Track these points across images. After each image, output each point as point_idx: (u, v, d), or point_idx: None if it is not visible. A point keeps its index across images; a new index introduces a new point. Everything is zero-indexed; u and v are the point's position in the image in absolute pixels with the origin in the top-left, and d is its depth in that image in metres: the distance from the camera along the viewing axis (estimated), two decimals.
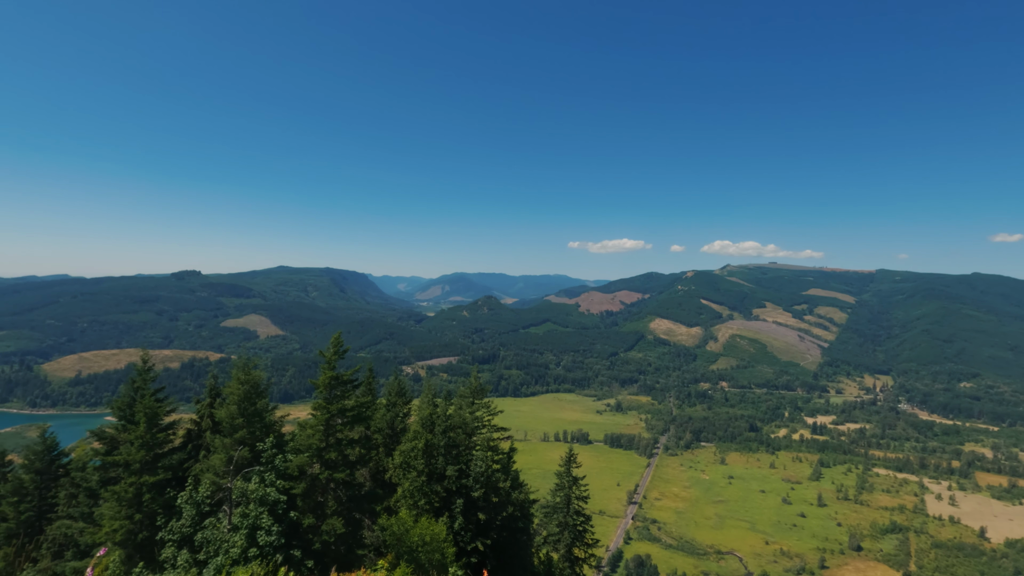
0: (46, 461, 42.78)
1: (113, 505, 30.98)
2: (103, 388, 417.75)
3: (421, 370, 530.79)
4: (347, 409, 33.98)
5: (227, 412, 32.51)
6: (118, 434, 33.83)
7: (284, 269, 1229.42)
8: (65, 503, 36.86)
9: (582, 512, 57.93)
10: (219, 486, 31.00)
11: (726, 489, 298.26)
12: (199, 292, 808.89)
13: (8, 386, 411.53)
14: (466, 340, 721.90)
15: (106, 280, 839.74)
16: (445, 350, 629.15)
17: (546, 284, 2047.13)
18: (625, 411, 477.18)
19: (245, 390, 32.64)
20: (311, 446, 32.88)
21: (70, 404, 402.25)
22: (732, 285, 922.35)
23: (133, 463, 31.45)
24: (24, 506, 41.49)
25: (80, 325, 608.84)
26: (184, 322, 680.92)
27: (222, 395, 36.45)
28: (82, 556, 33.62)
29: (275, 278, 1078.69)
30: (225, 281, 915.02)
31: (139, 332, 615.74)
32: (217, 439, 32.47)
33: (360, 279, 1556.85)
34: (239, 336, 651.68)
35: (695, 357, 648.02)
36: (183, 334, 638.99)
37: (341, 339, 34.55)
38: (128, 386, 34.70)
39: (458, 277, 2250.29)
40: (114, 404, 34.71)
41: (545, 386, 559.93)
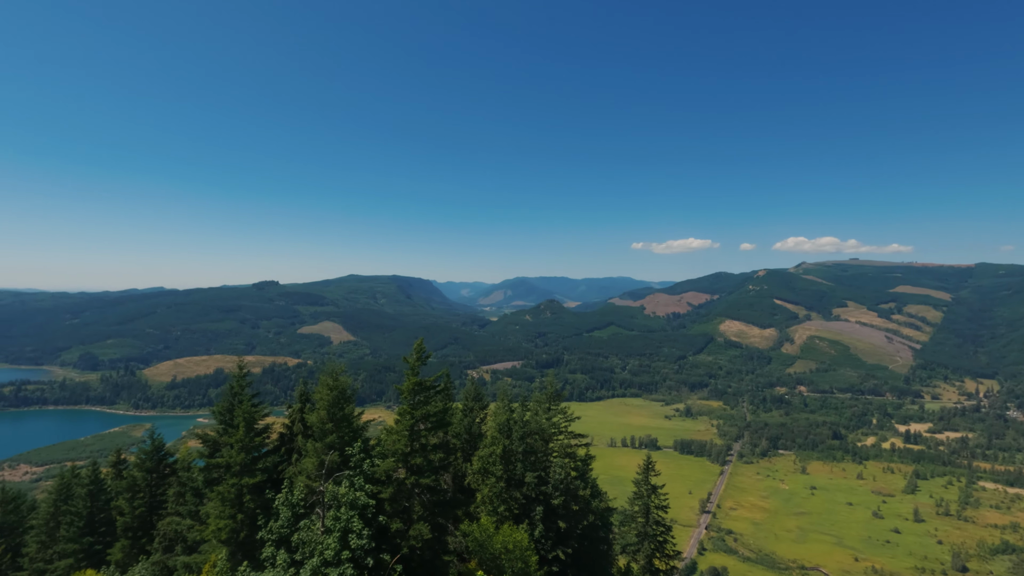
0: (155, 460, 46.12)
1: (217, 504, 32.73)
2: (195, 391, 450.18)
3: (486, 374, 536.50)
4: (431, 414, 34.32)
5: (317, 417, 33.63)
6: (219, 437, 35.87)
7: (354, 277, 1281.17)
8: (174, 501, 39.47)
9: (662, 522, 55.93)
10: (312, 489, 32.09)
11: (808, 500, 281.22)
12: (277, 301, 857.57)
13: (115, 389, 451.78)
14: (529, 344, 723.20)
15: (196, 292, 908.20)
16: (509, 354, 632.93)
17: (609, 287, 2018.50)
18: (695, 416, 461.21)
19: (334, 396, 33.64)
20: (397, 451, 33.44)
21: (167, 406, 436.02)
22: (808, 284, 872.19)
23: (234, 465, 33.13)
24: (137, 502, 44.86)
25: (174, 333, 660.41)
26: (264, 329, 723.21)
27: (311, 400, 37.81)
28: (190, 552, 35.81)
29: (346, 286, 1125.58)
30: (301, 290, 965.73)
31: (225, 339, 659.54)
32: (308, 443, 33.63)
33: (425, 285, 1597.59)
34: (314, 342, 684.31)
35: (769, 360, 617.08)
36: (264, 341, 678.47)
37: (424, 345, 34.97)
38: (227, 392, 36.72)
39: (519, 281, 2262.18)
40: (215, 409, 36.85)
41: (611, 391, 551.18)
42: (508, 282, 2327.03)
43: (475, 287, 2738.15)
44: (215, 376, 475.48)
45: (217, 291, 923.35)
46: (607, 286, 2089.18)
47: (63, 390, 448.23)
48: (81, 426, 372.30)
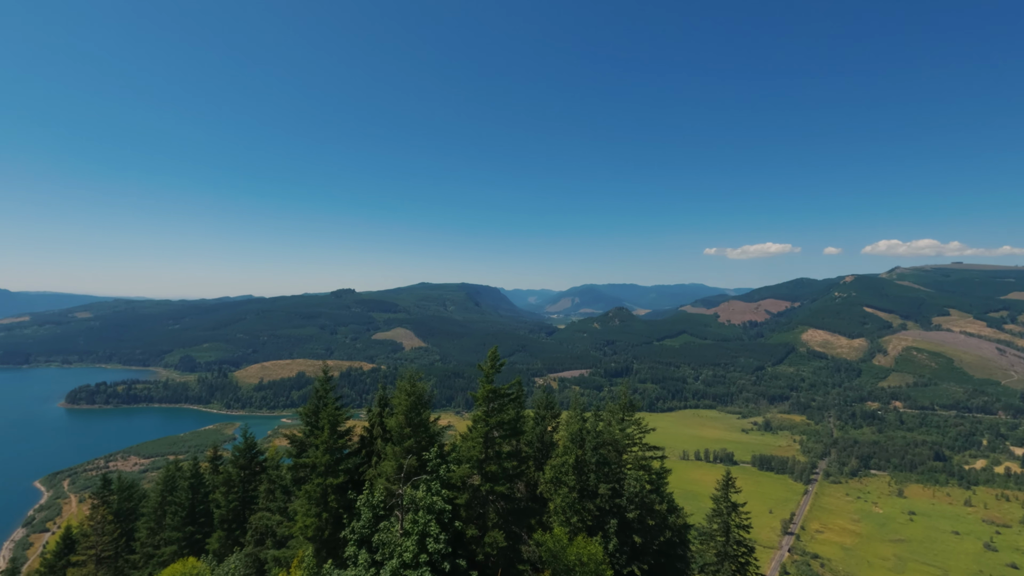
0: (248, 458, 49.22)
1: (304, 503, 34.40)
2: (280, 393, 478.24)
3: (553, 382, 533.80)
4: (504, 422, 34.49)
5: (396, 422, 34.65)
6: (306, 438, 37.76)
7: (425, 285, 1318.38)
8: (264, 497, 41.94)
9: (744, 542, 53.02)
10: (391, 492, 33.04)
11: (906, 527, 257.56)
12: (353, 308, 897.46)
13: (210, 390, 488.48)
14: (597, 352, 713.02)
15: (280, 299, 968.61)
16: (576, 362, 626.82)
17: (680, 294, 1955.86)
18: (775, 431, 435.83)
19: (411, 401, 34.55)
20: (472, 458, 33.82)
21: (255, 407, 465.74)
22: (904, 290, 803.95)
23: (319, 465, 34.71)
24: (232, 496, 48.01)
25: (262, 338, 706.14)
26: (342, 335, 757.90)
27: (390, 405, 39.02)
28: (279, 546, 37.85)
29: (417, 294, 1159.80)
30: (375, 298, 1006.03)
31: (306, 344, 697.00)
32: (388, 447, 34.70)
33: (493, 293, 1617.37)
34: (387, 348, 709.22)
35: (859, 372, 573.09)
36: (341, 345, 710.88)
37: (498, 353, 35.27)
38: (312, 395, 38.62)
39: (587, 289, 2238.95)
40: (302, 411, 38.85)
41: (683, 401, 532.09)
42: (575, 289, 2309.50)
43: (542, 294, 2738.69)
44: (297, 379, 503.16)
45: (299, 299, 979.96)
46: (678, 293, 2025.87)
47: (166, 389, 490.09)
48: (181, 423, 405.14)
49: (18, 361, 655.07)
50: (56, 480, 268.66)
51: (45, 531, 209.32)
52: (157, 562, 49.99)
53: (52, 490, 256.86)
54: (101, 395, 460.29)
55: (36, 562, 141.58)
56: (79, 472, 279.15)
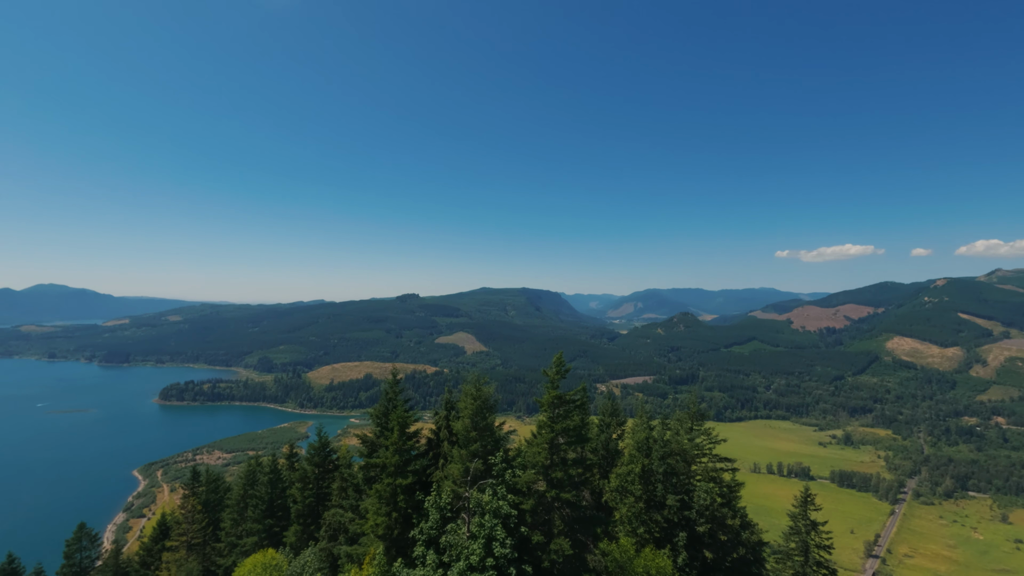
0: (322, 456, 51.40)
1: (374, 501, 35.47)
2: (349, 394, 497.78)
3: (616, 388, 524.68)
4: (570, 428, 34.17)
5: (462, 425, 35.10)
6: (376, 439, 38.98)
7: (485, 290, 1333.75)
8: (337, 494, 43.64)
9: (825, 564, 49.81)
10: (458, 495, 33.49)
11: (1012, 556, 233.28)
12: (417, 312, 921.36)
13: (285, 390, 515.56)
14: (661, 359, 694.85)
15: (349, 304, 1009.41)
16: (639, 369, 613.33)
17: (750, 299, 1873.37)
18: (856, 445, 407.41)
19: (477, 405, 34.91)
20: (537, 463, 33.72)
21: (326, 407, 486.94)
22: (1006, 295, 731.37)
23: (389, 466, 35.70)
24: (307, 492, 50.26)
25: (332, 341, 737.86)
26: (407, 338, 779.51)
27: (456, 408, 39.60)
28: (351, 542, 39.22)
29: (478, 298, 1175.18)
30: (438, 302, 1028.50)
31: (373, 347, 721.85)
32: (454, 450, 35.20)
33: (553, 298, 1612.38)
34: (450, 352, 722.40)
35: (953, 384, 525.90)
36: (406, 349, 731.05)
37: (563, 359, 35.03)
38: (382, 397, 39.86)
39: (650, 294, 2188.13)
40: (372, 412, 40.17)
41: (753, 411, 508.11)
42: (638, 294, 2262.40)
43: (604, 299, 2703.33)
44: (365, 380, 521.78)
45: (367, 303, 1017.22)
46: (747, 298, 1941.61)
47: (246, 388, 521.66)
48: (259, 420, 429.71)
49: (120, 360, 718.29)
50: (151, 470, 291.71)
51: (142, 516, 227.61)
52: (240, 551, 53.07)
53: (147, 479, 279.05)
54: (189, 393, 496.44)
55: (135, 545, 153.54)
56: (170, 463, 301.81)
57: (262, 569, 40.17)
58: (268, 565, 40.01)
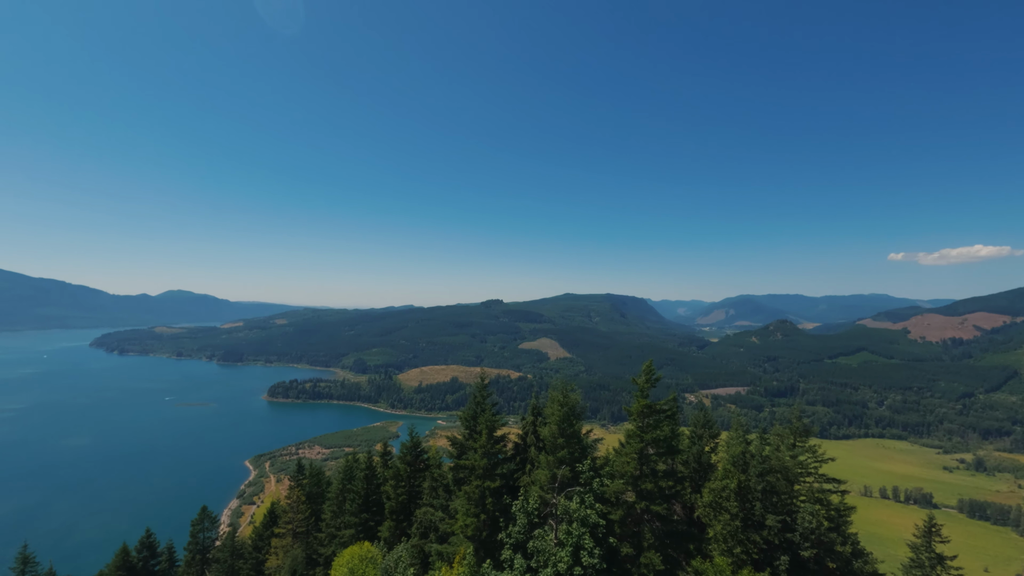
0: (414, 455, 53.41)
1: (463, 502, 36.31)
2: (436, 396, 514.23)
3: (706, 399, 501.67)
4: (660, 439, 33.13)
5: (549, 431, 35.10)
6: (465, 441, 39.94)
7: (569, 296, 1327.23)
8: (428, 493, 45.13)
9: None
10: (545, 501, 33.50)
11: None
12: (501, 318, 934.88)
13: (378, 390, 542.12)
14: (756, 369, 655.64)
15: (436, 309, 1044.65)
16: (732, 379, 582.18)
17: (858, 306, 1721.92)
18: (991, 472, 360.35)
19: (564, 412, 34.79)
20: (626, 473, 32.99)
21: (415, 408, 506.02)
22: None
23: (477, 468, 36.43)
24: (400, 489, 52.38)
25: (421, 344, 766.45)
26: (491, 343, 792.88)
27: (542, 414, 39.69)
28: (442, 541, 40.38)
29: (561, 304, 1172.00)
30: (521, 308, 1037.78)
31: (459, 351, 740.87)
32: (541, 456, 35.26)
33: (639, 304, 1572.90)
34: (533, 357, 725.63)
35: None
36: (490, 354, 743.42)
37: (653, 367, 34.06)
38: (471, 400, 40.79)
39: (744, 300, 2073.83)
40: (461, 415, 41.21)
41: (862, 429, 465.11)
42: (730, 300, 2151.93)
43: (692, 305, 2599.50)
44: (451, 384, 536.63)
45: (453, 309, 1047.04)
46: (854, 305, 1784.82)
47: (342, 388, 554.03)
48: (354, 418, 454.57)
49: (235, 359, 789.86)
50: (260, 461, 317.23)
51: (252, 503, 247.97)
52: (338, 542, 56.29)
53: (257, 469, 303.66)
54: (293, 391, 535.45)
55: (247, 530, 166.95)
56: (276, 456, 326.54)
57: (359, 561, 42.30)
58: (364, 557, 42.08)
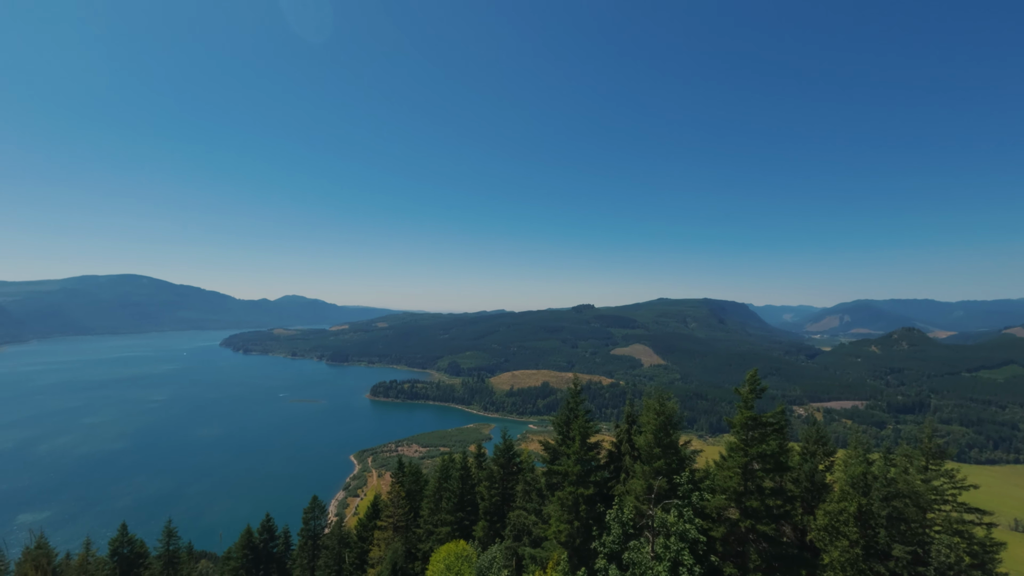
0: (506, 458, 54.12)
1: (557, 508, 36.17)
2: (527, 400, 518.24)
3: (817, 413, 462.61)
4: (766, 454, 31.00)
5: (645, 440, 34.08)
6: (558, 446, 39.81)
7: (663, 301, 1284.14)
8: (521, 497, 45.51)
9: None
10: (640, 512, 32.52)
11: None
12: (592, 323, 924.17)
13: (471, 393, 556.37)
14: (876, 381, 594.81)
15: (527, 314, 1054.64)
16: (847, 392, 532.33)
17: (1005, 312, 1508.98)
18: None
19: (661, 421, 33.64)
20: (729, 489, 31.20)
21: (506, 411, 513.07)
22: None
23: (571, 474, 36.16)
24: (493, 491, 53.26)
25: (512, 349, 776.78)
26: (582, 349, 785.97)
27: (637, 422, 38.64)
28: (535, 545, 40.50)
29: (655, 310, 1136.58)
30: (613, 313, 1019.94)
31: (549, 356, 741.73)
32: (636, 465, 34.31)
33: (740, 309, 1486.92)
34: (625, 363, 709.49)
35: None
36: (581, 359, 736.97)
37: (758, 376, 32.00)
38: (563, 406, 40.60)
39: (861, 305, 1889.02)
40: (554, 420, 41.12)
41: (1012, 453, 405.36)
42: (845, 306, 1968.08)
43: (800, 311, 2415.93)
44: (542, 388, 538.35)
45: (543, 314, 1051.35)
46: (1000, 311, 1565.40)
47: (438, 390, 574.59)
48: (448, 419, 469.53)
49: (341, 360, 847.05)
50: (363, 456, 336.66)
51: (356, 496, 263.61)
52: (435, 539, 58.26)
53: (360, 464, 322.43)
54: (392, 391, 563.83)
55: (352, 520, 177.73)
56: (378, 452, 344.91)
57: (455, 558, 43.52)
58: (460, 555, 43.22)
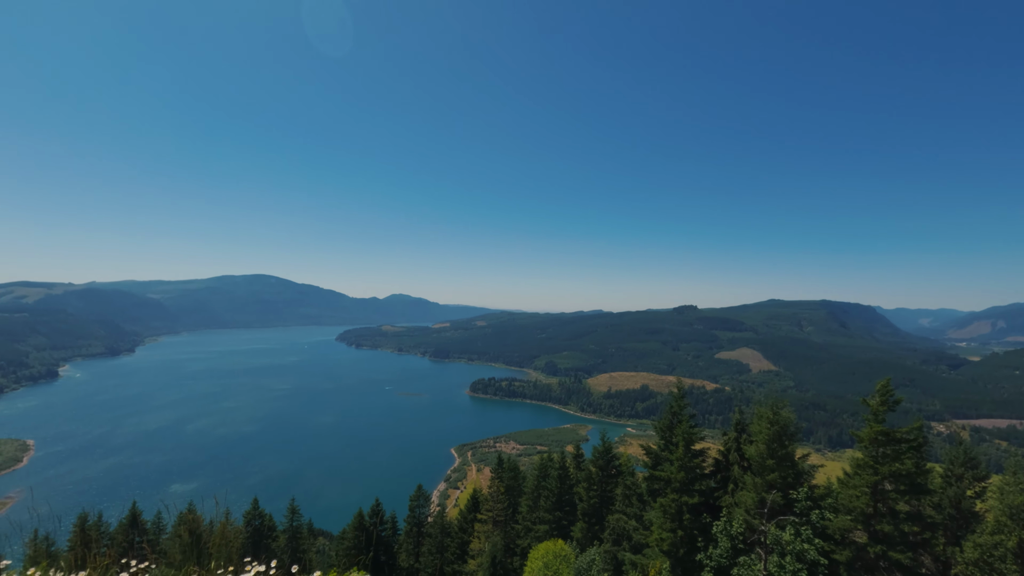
0: (605, 460, 53.40)
1: (659, 515, 35.03)
2: (625, 403, 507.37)
3: (962, 431, 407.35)
4: (900, 474, 27.83)
5: (756, 451, 32.02)
6: (660, 451, 38.56)
7: (775, 303, 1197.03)
8: (621, 501, 44.65)
9: None
10: (751, 527, 30.56)
11: None
12: (695, 325, 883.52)
13: (568, 393, 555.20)
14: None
15: (626, 314, 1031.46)
16: (1002, 409, 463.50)
17: None
18: None
19: (774, 431, 31.41)
20: (855, 509, 28.41)
21: (604, 413, 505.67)
22: None
23: (674, 481, 34.86)
24: (592, 492, 52.76)
25: (609, 350, 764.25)
26: (684, 352, 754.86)
27: (747, 431, 36.41)
28: (635, 551, 39.57)
29: (765, 312, 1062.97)
30: (718, 315, 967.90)
31: (648, 358, 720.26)
32: (747, 476, 32.34)
33: (865, 312, 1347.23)
34: (731, 368, 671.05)
35: None
36: (683, 363, 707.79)
37: (890, 387, 28.83)
38: (666, 410, 39.24)
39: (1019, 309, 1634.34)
40: (656, 424, 39.88)
41: None
42: (998, 309, 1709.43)
43: (941, 315, 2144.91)
44: (641, 391, 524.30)
45: (643, 314, 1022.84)
46: None
47: (535, 388, 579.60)
48: (545, 418, 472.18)
49: (443, 356, 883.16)
50: (463, 450, 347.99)
51: (456, 488, 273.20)
52: (533, 536, 58.82)
53: (460, 457, 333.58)
54: (491, 388, 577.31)
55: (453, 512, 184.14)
56: (476, 447, 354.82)
57: (553, 557, 43.62)
58: (559, 554, 43.25)
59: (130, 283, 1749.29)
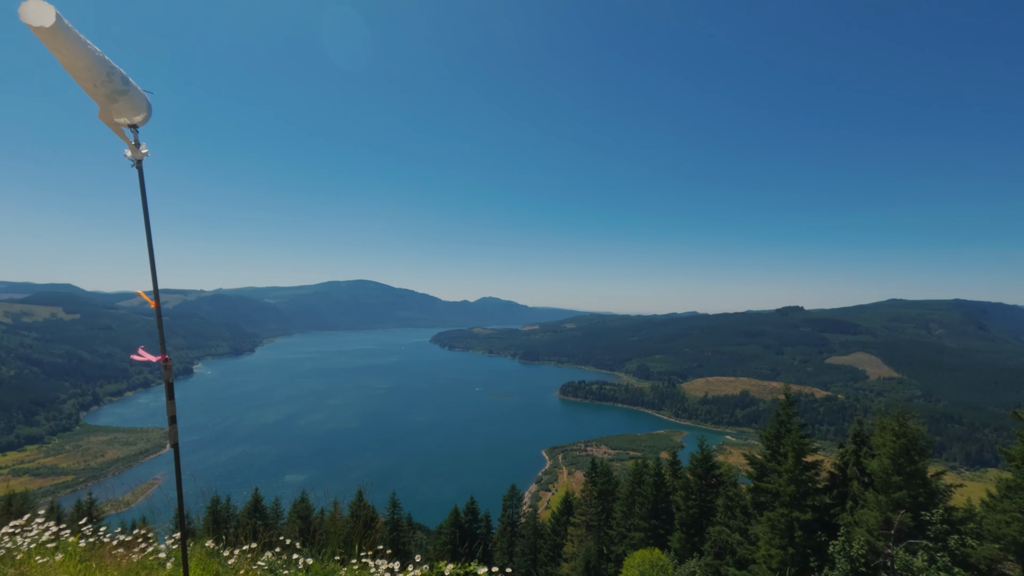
0: (704, 468, 51.03)
1: (766, 530, 32.87)
2: (724, 409, 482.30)
3: None
4: None
5: (880, 465, 29.08)
6: (766, 462, 36.15)
7: (896, 303, 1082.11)
8: (723, 512, 42.36)
9: None
10: (875, 549, 27.82)
11: None
12: (802, 328, 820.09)
13: (661, 398, 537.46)
14: None
15: (723, 316, 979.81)
16: None
17: None
18: None
19: (901, 444, 28.35)
20: (1004, 536, 24.94)
21: (700, 419, 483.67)
22: None
23: (783, 495, 32.57)
24: (690, 502, 50.62)
25: (706, 353, 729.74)
26: (788, 356, 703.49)
27: (868, 444, 33.22)
28: (739, 566, 37.38)
29: (885, 313, 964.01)
30: (828, 316, 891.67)
31: (749, 363, 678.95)
32: (869, 493, 29.48)
33: (1011, 313, 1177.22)
34: (845, 374, 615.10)
35: None
36: (787, 368, 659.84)
37: None
38: (774, 419, 36.74)
39: None
40: (763, 433, 37.47)
41: None
42: None
43: None
44: (741, 397, 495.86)
45: (742, 316, 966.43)
46: None
47: (626, 392, 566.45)
48: (636, 423, 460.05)
49: (532, 358, 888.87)
50: (554, 452, 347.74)
51: (548, 490, 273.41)
52: (628, 543, 57.46)
53: (551, 460, 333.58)
54: (581, 391, 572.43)
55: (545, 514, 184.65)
56: (567, 450, 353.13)
57: (649, 566, 42.36)
58: (655, 564, 41.92)
59: (250, 289, 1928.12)
